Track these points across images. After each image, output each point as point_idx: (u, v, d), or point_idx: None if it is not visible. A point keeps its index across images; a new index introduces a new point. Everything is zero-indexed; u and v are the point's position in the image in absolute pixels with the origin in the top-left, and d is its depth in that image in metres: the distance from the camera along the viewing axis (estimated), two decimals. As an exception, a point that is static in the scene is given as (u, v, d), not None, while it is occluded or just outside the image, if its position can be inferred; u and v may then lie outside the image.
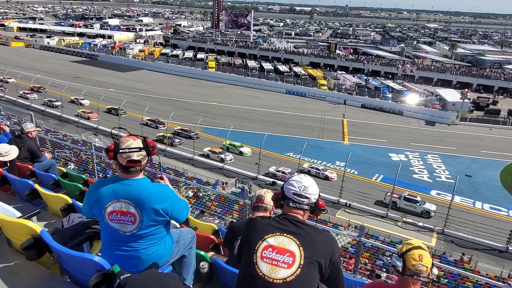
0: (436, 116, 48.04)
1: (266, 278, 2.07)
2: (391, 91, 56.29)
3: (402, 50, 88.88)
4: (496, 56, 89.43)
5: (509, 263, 21.15)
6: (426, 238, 23.52)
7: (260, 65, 71.85)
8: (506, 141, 41.94)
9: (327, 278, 2.23)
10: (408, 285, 2.51)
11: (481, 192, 29.61)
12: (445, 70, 70.37)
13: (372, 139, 40.14)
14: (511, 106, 51.63)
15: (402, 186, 27.78)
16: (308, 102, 53.86)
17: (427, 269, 2.47)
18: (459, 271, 19.24)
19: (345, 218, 24.76)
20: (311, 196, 2.34)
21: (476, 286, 17.70)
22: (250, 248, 2.20)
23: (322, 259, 2.15)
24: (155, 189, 2.70)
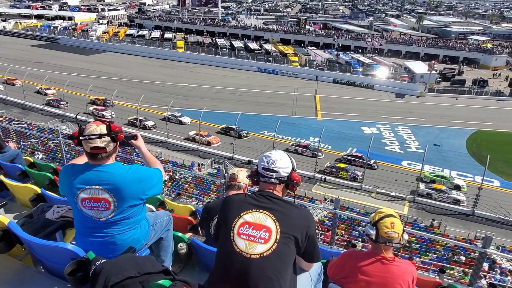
0: (405, 89, 49.15)
1: (243, 254, 2.09)
2: (362, 65, 56.90)
3: (371, 24, 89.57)
4: (461, 27, 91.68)
5: (475, 225, 22.38)
6: (399, 206, 24.46)
7: (230, 44, 70.67)
8: (471, 110, 43.62)
9: (303, 251, 2.26)
10: (381, 252, 2.62)
11: (449, 160, 30.85)
12: (412, 43, 71.70)
13: (344, 113, 40.75)
14: (475, 76, 53.51)
15: (374, 158, 28.58)
16: (280, 80, 53.74)
17: (398, 235, 2.58)
18: (430, 236, 20.24)
19: (321, 192, 25.28)
20: (280, 170, 2.33)
21: (445, 248, 18.66)
22: (227, 226, 2.21)
23: (298, 233, 2.18)
24: (129, 172, 2.61)
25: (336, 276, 2.77)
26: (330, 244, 6.81)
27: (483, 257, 4.05)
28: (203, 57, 62.50)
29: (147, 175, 2.71)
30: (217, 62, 60.69)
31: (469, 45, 70.68)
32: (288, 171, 2.36)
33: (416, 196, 25.06)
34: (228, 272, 2.12)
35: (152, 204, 4.49)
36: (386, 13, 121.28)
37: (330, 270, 2.85)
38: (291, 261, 2.19)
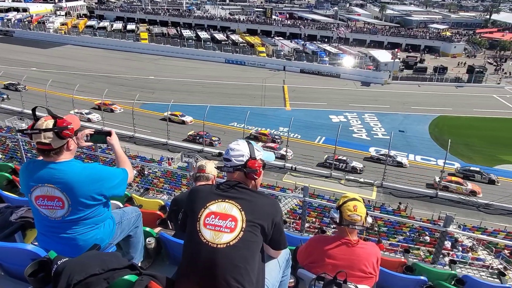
0: (371, 77, 50.33)
1: (210, 244, 2.10)
2: (328, 54, 57.67)
3: (336, 13, 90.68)
4: (422, 16, 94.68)
5: (438, 206, 23.37)
6: (367, 192, 25.17)
7: (196, 35, 69.41)
8: (432, 97, 45.36)
9: (270, 239, 2.29)
10: (346, 235, 2.72)
11: (413, 145, 32.02)
12: (376, 32, 73.33)
13: (312, 103, 41.23)
14: (436, 64, 55.55)
15: (343, 146, 29.15)
16: (248, 71, 53.54)
17: (361, 218, 2.69)
18: (397, 219, 21.01)
19: (292, 181, 25.54)
20: (234, 159, 2.34)
21: (412, 230, 19.44)
22: (193, 217, 2.21)
23: (264, 222, 2.20)
24: (84, 171, 2.50)
25: (304, 261, 2.85)
26: (300, 232, 6.92)
27: (444, 235, 4.22)
28: (168, 48, 61.09)
29: (105, 175, 2.59)
30: (183, 54, 59.61)
31: (430, 33, 73.22)
32: (242, 159, 2.34)
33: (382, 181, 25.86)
34: (195, 263, 2.12)
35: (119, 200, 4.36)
36: (351, 2, 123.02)
37: (299, 256, 2.92)
38: (258, 249, 2.20)
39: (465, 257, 16.24)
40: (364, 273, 2.67)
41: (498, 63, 61.71)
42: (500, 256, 16.82)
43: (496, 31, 78.15)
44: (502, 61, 63.26)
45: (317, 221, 19.42)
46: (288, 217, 19.38)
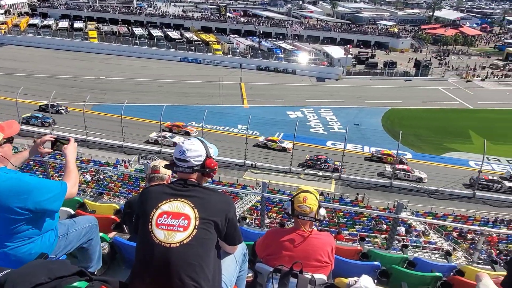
0: (325, 73, 51.57)
1: (163, 244, 2.07)
2: (283, 51, 58.36)
3: (290, 10, 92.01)
4: (371, 13, 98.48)
5: (393, 195, 24.39)
6: (326, 185, 25.78)
7: (149, 33, 67.57)
8: (384, 90, 47.28)
9: (225, 235, 2.29)
10: (300, 226, 2.79)
11: (368, 137, 33.16)
12: (329, 29, 75.29)
13: (270, 99, 41.57)
14: (386, 59, 57.95)
15: (301, 141, 29.59)
16: (204, 69, 52.96)
17: (311, 209, 2.75)
18: (355, 209, 21.65)
19: (252, 178, 25.60)
20: (191, 160, 2.32)
21: (369, 219, 20.13)
22: (145, 218, 2.18)
23: (218, 218, 2.20)
24: (5, 182, 2.30)
25: (262, 254, 2.91)
26: (261, 227, 6.91)
27: (396, 222, 4.35)
28: (119, 47, 58.83)
29: (33, 187, 2.37)
30: (135, 53, 57.65)
31: (379, 30, 76.32)
32: (200, 159, 2.34)
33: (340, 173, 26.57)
34: (148, 264, 2.09)
35: (71, 207, 4.15)
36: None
37: (257, 249, 2.99)
38: (212, 245, 2.20)
39: (418, 241, 17.06)
40: (320, 262, 2.74)
41: (441, 57, 65.48)
42: (449, 238, 17.87)
43: (439, 27, 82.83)
44: (445, 55, 67.19)
45: (278, 216, 19.57)
46: (250, 214, 19.38)
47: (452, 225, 19.05)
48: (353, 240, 16.16)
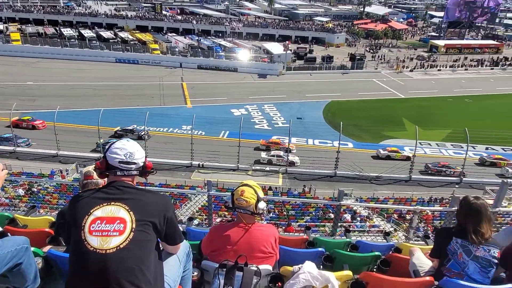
0: (266, 69, 52.32)
1: (98, 251, 2.01)
2: (223, 49, 58.21)
3: (227, 8, 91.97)
4: (307, 10, 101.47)
5: (338, 184, 25.28)
6: (274, 179, 26.14)
7: (79, 33, 63.67)
8: (323, 84, 49.00)
9: (165, 235, 2.27)
10: (241, 220, 2.82)
11: (311, 130, 34.17)
12: (267, 25, 76.41)
13: (213, 98, 41.28)
14: (323, 53, 60.06)
15: (247, 138, 29.75)
16: (142, 69, 51.18)
17: (248, 202, 2.76)
18: (303, 201, 22.24)
19: (200, 178, 25.26)
20: (138, 161, 2.32)
21: (317, 209, 20.75)
22: (77, 226, 2.10)
23: (155, 218, 2.17)
24: None
25: (207, 250, 2.91)
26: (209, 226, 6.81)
27: (339, 209, 4.46)
28: (47, 50, 54.80)
29: None
30: (65, 55, 54.09)
31: (315, 26, 78.88)
32: (144, 160, 2.36)
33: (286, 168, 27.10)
34: (84, 274, 2.02)
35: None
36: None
37: (203, 247, 3.00)
38: (152, 247, 2.16)
39: (363, 226, 17.93)
40: (264, 254, 2.78)
41: (374, 50, 69.28)
42: (391, 220, 18.98)
43: (370, 22, 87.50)
44: (377, 48, 71.17)
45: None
46: (200, 214, 19.10)
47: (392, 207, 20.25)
48: (303, 230, 16.52)
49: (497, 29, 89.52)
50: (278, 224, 17.51)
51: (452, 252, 2.86)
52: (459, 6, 76.45)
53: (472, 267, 2.76)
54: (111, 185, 2.24)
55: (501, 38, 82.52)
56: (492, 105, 43.31)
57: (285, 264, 2.91)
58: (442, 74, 57.00)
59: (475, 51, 69.80)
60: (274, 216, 19.80)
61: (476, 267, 2.76)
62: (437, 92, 47.21)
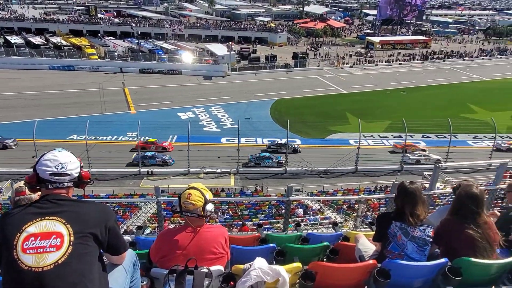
0: (211, 70, 52.02)
1: (34, 270, 1.91)
2: (166, 52, 56.99)
3: (167, 9, 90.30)
4: (248, 10, 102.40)
5: (289, 181, 25.81)
6: (226, 181, 26.05)
7: (5, 40, 58.89)
8: (269, 83, 49.74)
9: (107, 245, 2.21)
10: (189, 223, 2.79)
11: (259, 129, 34.49)
12: (209, 27, 76.00)
13: (158, 102, 40.28)
14: (267, 53, 60.92)
15: (196, 141, 29.38)
16: (79, 76, 48.49)
17: (195, 205, 2.74)
18: (256, 199, 22.45)
19: (150, 186, 24.51)
20: (72, 172, 2.23)
21: (270, 206, 21.03)
22: (8, 246, 1.97)
23: (96, 229, 2.10)
24: None
25: (156, 257, 2.83)
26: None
27: (289, 204, 4.54)
28: (-34, 59, 49.93)
29: None
30: (-11, 64, 49.58)
31: (257, 26, 79.83)
32: (78, 170, 2.28)
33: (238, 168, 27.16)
34: None
35: None
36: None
37: (151, 254, 2.91)
38: (94, 259, 2.09)
39: (315, 219, 18.46)
40: (215, 254, 2.77)
41: (315, 48, 71.58)
42: (341, 211, 19.73)
43: (310, 21, 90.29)
44: (318, 46, 73.60)
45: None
46: (152, 222, 18.55)
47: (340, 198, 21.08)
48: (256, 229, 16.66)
49: (424, 25, 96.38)
50: (233, 225, 17.50)
51: (392, 235, 3.04)
52: (390, 4, 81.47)
53: (411, 247, 2.96)
54: (44, 199, 2.13)
55: (429, 34, 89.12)
56: (424, 96, 46.61)
57: (238, 263, 2.92)
58: (379, 69, 60.31)
59: (407, 46, 74.74)
60: (229, 217, 19.78)
61: (414, 246, 2.95)
62: (376, 86, 49.84)
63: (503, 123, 35.00)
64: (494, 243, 2.96)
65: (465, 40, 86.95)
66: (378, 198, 16.54)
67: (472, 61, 67.22)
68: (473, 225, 2.93)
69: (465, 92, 48.89)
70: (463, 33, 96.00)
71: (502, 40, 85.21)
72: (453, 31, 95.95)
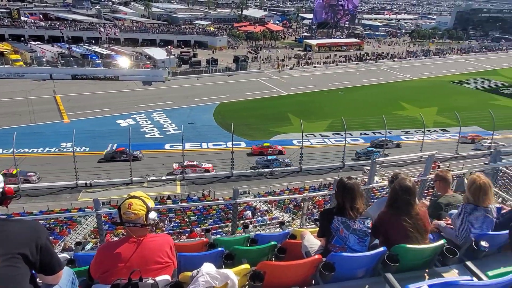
0: (151, 75, 50.57)
1: None
2: (100, 57, 54.41)
3: (99, 12, 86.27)
4: (186, 13, 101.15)
5: (236, 184, 25.84)
6: (172, 188, 25.44)
7: None
8: (211, 87, 49.46)
9: (40, 265, 2.09)
10: (131, 234, 2.66)
11: (204, 134, 34.19)
12: (147, 30, 73.90)
13: (94, 110, 38.33)
14: (208, 57, 60.56)
15: (138, 148, 28.38)
16: (2, 84, 44.56)
17: (137, 215, 2.62)
18: (203, 204, 22.15)
19: (89, 198, 23.18)
20: None
21: (218, 211, 20.89)
22: None
23: (25, 249, 1.97)
24: None
25: (97, 274, 2.68)
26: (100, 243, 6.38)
27: (236, 207, 4.54)
28: None
29: None
30: None
31: (196, 29, 79.06)
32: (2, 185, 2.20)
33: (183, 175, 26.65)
34: None
35: None
36: (113, 0, 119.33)
37: (91, 270, 2.74)
38: (25, 281, 1.99)
39: (264, 220, 18.65)
40: (161, 264, 2.66)
41: (255, 51, 72.55)
42: (288, 210, 20.14)
43: (249, 24, 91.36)
44: (258, 49, 74.67)
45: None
46: (94, 237, 17.55)
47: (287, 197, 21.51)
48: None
49: (357, 29, 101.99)
50: (181, 232, 17.12)
51: (335, 230, 3.17)
52: (325, 9, 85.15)
53: (352, 240, 3.11)
54: None
55: (361, 37, 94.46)
56: (360, 95, 49.29)
57: (187, 270, 2.85)
58: (317, 70, 62.66)
59: (342, 48, 78.54)
60: (176, 225, 19.32)
61: (355, 239, 3.12)
62: (315, 87, 51.72)
63: (430, 118, 38.21)
64: (426, 232, 3.22)
65: (393, 42, 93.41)
66: (323, 195, 17.13)
67: (401, 62, 72.32)
68: (407, 216, 3.18)
69: (396, 90, 52.48)
70: (392, 35, 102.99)
71: (425, 42, 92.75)
72: (382, 34, 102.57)
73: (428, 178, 6.43)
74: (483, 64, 73.00)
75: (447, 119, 37.64)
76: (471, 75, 63.28)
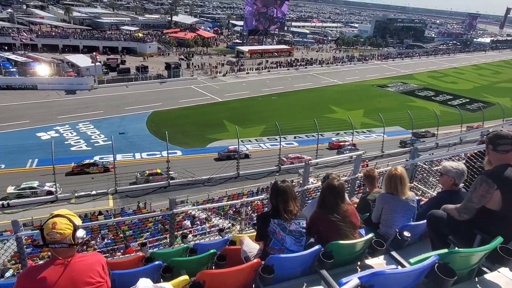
0: (75, 84, 47.42)
1: None
2: (15, 64, 49.85)
3: (12, 15, 79.07)
4: (111, 18, 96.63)
5: (173, 193, 25.07)
6: (104, 202, 24.06)
7: None
8: (142, 95, 47.74)
9: None
10: (56, 256, 2.47)
11: (137, 144, 32.86)
12: (68, 36, 69.19)
13: (10, 123, 34.94)
14: (137, 63, 58.41)
15: (64, 163, 26.34)
16: None
17: (63, 235, 2.44)
18: (139, 217, 21.22)
19: (7, 220, 20.99)
20: None
21: (155, 223, 20.16)
22: None
23: None
24: None
25: None
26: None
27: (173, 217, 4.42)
28: None
29: None
30: None
31: (124, 35, 75.92)
32: None
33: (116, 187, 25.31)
34: None
35: None
36: (28, 4, 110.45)
37: None
38: None
39: (204, 228, 18.36)
40: (92, 285, 2.51)
41: (188, 58, 71.62)
42: (228, 217, 20.07)
43: (179, 31, 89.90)
44: (190, 56, 73.78)
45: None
46: (15, 263, 15.91)
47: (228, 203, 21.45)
48: (142, 249, 15.75)
49: (286, 36, 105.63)
50: (116, 249, 16.21)
51: (272, 232, 3.24)
52: (255, 16, 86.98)
53: (289, 241, 3.21)
54: None
55: (291, 43, 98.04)
56: (293, 100, 50.98)
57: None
58: (250, 76, 63.62)
59: (273, 54, 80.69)
60: (110, 241, 18.24)
61: (292, 239, 3.21)
62: (249, 93, 52.45)
63: (357, 120, 40.82)
64: (355, 228, 3.42)
65: (321, 48, 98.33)
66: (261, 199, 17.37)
67: (328, 67, 76.30)
68: (336, 214, 3.37)
69: (326, 95, 55.21)
70: (319, 42, 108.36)
71: (349, 49, 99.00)
72: (310, 41, 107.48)
73: (358, 177, 6.85)
74: (400, 69, 79.96)
75: (373, 120, 40.51)
76: (391, 79, 69.01)
